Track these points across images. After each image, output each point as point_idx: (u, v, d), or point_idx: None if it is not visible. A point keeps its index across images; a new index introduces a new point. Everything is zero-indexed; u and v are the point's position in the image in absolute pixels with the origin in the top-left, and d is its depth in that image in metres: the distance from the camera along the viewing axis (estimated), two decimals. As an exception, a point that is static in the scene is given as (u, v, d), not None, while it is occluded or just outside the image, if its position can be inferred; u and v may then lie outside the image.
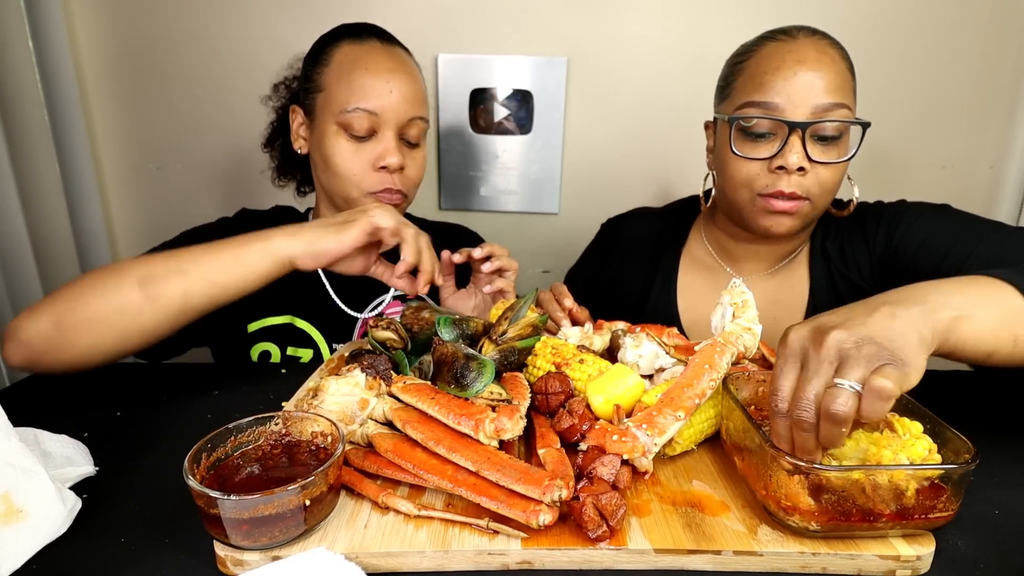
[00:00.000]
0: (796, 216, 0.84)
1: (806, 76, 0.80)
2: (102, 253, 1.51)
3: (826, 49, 0.82)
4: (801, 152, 0.80)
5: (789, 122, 0.80)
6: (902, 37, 1.37)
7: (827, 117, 0.80)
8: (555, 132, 1.45)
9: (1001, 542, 0.50)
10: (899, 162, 1.46)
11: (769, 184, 0.83)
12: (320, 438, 0.53)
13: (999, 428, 0.68)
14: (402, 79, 0.93)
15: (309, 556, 0.44)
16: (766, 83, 0.82)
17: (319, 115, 0.94)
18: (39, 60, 1.34)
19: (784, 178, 0.82)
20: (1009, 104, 1.41)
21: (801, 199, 0.83)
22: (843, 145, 0.83)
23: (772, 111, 0.81)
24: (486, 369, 0.59)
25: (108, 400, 0.73)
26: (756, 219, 0.87)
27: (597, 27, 1.40)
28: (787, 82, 0.80)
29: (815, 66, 0.80)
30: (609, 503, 0.47)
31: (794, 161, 0.80)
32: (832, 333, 0.49)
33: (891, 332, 0.49)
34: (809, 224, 0.91)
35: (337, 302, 1.01)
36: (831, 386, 0.47)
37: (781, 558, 0.47)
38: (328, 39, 0.97)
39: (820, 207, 0.85)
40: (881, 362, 0.46)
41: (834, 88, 0.80)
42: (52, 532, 0.49)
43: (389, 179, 0.94)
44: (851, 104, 0.82)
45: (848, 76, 0.84)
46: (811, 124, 0.79)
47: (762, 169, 0.83)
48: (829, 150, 0.82)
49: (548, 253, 1.57)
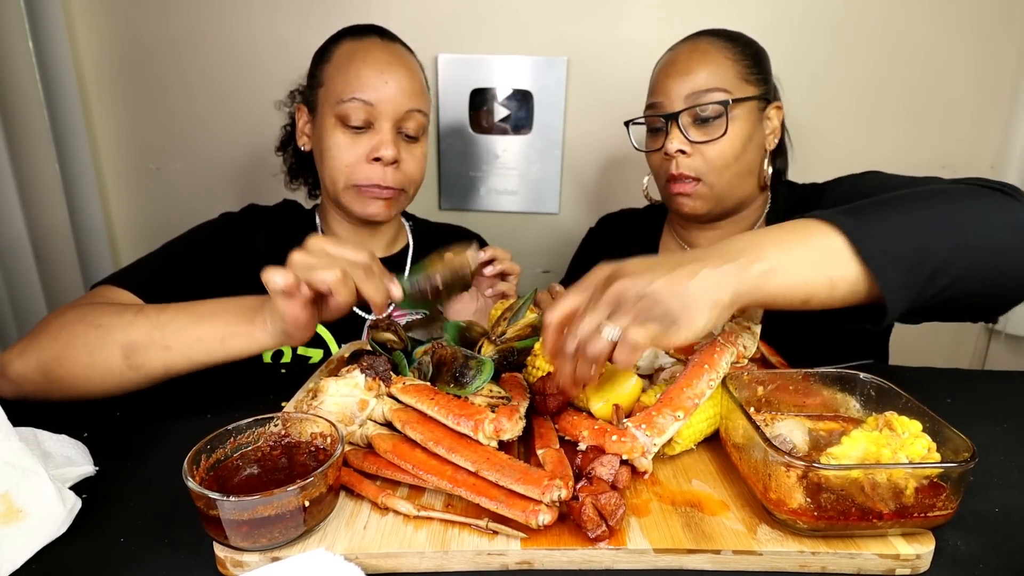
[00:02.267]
0: (694, 196, 0.94)
1: (676, 75, 0.92)
2: (102, 253, 1.52)
3: (699, 47, 0.93)
4: (680, 137, 0.90)
5: (663, 114, 0.92)
6: (902, 37, 1.37)
7: (698, 103, 0.90)
8: (555, 132, 1.45)
9: (1001, 541, 0.50)
10: (899, 162, 1.46)
11: (667, 169, 0.94)
12: (319, 439, 0.53)
13: (999, 427, 0.68)
14: (399, 71, 0.93)
15: (309, 557, 0.44)
16: (654, 88, 0.96)
17: (320, 109, 0.95)
18: (39, 60, 1.34)
19: (672, 162, 0.92)
20: (1009, 104, 1.41)
21: (694, 180, 0.92)
22: (721, 126, 0.90)
23: (657, 109, 0.94)
24: (484, 367, 0.59)
25: (108, 400, 0.73)
26: (671, 203, 0.98)
27: (597, 27, 1.40)
28: (663, 84, 0.93)
29: (683, 66, 0.92)
30: (608, 503, 0.47)
31: (672, 146, 0.91)
32: (620, 281, 0.53)
33: (681, 290, 0.51)
34: (720, 204, 0.95)
35: None
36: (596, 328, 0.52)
37: (780, 557, 0.47)
38: (332, 39, 0.99)
39: (717, 183, 0.92)
40: (648, 318, 0.51)
41: (703, 77, 0.90)
42: (52, 532, 0.49)
43: (380, 174, 0.93)
44: (729, 86, 0.90)
45: (727, 63, 0.91)
46: (681, 111, 0.90)
47: (662, 160, 0.95)
48: (710, 130, 0.90)
49: (548, 253, 1.57)
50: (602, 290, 0.53)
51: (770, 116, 0.95)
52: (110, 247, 1.54)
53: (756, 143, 0.94)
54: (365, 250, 0.65)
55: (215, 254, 0.94)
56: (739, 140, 0.91)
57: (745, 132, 0.92)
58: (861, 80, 1.40)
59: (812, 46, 1.38)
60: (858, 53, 1.38)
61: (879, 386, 0.58)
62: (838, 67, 1.40)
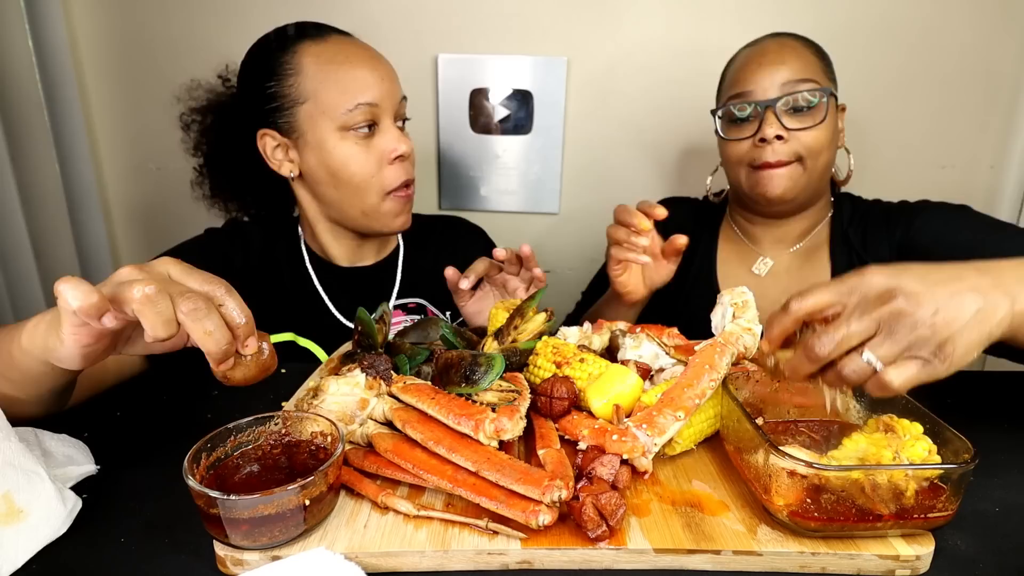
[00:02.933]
0: (788, 177, 0.93)
1: (769, 65, 0.93)
2: (102, 253, 1.52)
3: (786, 43, 0.95)
4: (776, 123, 0.91)
5: (759, 102, 0.93)
6: (902, 38, 1.37)
7: (795, 91, 0.91)
8: (555, 132, 1.45)
9: (1001, 542, 0.50)
10: (899, 162, 1.46)
11: (756, 157, 0.94)
12: (320, 438, 0.53)
13: (999, 428, 0.68)
14: (383, 63, 0.92)
15: (309, 556, 0.44)
16: (739, 79, 0.96)
17: (308, 128, 0.88)
18: (39, 60, 1.34)
19: (767, 149, 0.92)
20: (1009, 104, 1.41)
21: (788, 160, 0.92)
22: (819, 114, 0.92)
23: (746, 98, 0.94)
24: (495, 363, 0.59)
25: (108, 400, 0.73)
26: (754, 189, 0.96)
27: (597, 27, 1.40)
28: (754, 74, 0.94)
29: (775, 56, 0.94)
30: (609, 503, 0.47)
31: (770, 132, 0.91)
32: (899, 300, 0.48)
33: (960, 323, 0.47)
34: (806, 191, 0.96)
35: (339, 317, 1.00)
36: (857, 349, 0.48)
37: (781, 558, 0.47)
38: (276, 48, 0.90)
39: (812, 170, 0.93)
40: (916, 354, 0.47)
41: (796, 68, 0.92)
42: (52, 532, 0.49)
43: (403, 170, 0.92)
44: (819, 79, 0.93)
45: (813, 59, 0.94)
46: (779, 99, 0.91)
47: (749, 146, 0.95)
48: (805, 119, 0.92)
49: (548, 253, 1.57)
50: (875, 303, 0.49)
51: (840, 117, 0.99)
52: (110, 247, 1.54)
53: (836, 141, 0.97)
54: (220, 282, 0.51)
55: None
56: (831, 131, 0.93)
57: (834, 125, 0.94)
58: (862, 81, 1.40)
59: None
60: (859, 54, 1.38)
61: (879, 386, 0.58)
62: (838, 68, 1.39)
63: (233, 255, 0.98)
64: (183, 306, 0.47)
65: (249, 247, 1.00)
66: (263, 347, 0.54)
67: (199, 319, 0.47)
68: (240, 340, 0.51)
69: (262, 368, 0.54)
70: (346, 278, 1.03)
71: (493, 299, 0.94)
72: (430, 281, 1.06)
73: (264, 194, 1.04)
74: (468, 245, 1.14)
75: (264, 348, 0.54)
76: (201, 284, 0.50)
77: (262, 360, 0.54)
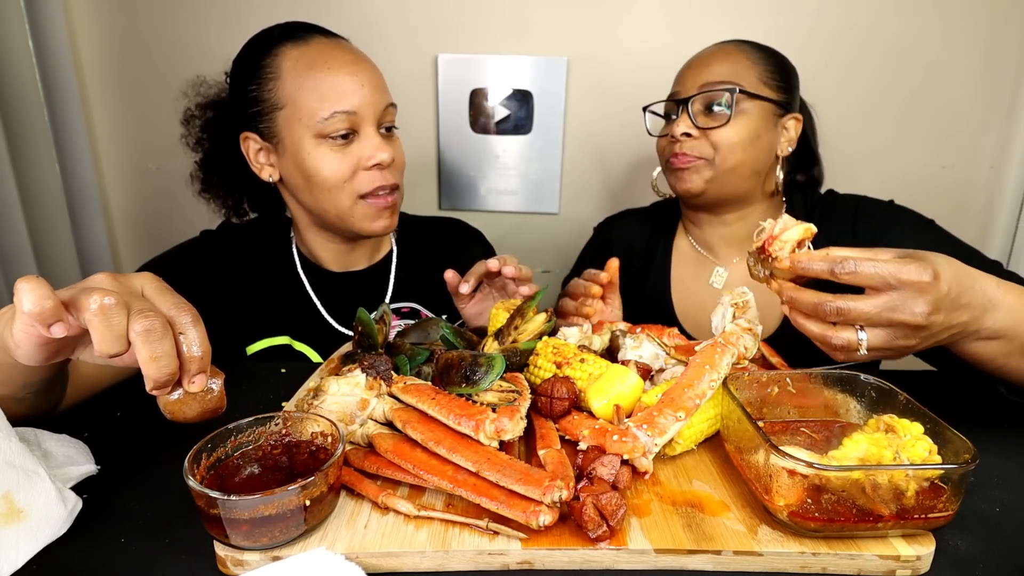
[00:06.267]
0: (693, 171, 0.96)
1: (695, 67, 0.97)
2: (102, 253, 1.52)
3: (725, 47, 0.98)
4: (687, 121, 0.94)
5: (675, 100, 0.97)
6: (902, 38, 1.37)
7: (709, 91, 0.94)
8: (555, 132, 1.46)
9: (1001, 542, 0.50)
10: (899, 162, 1.46)
11: (670, 152, 0.98)
12: (320, 438, 0.53)
13: (999, 428, 0.68)
14: (366, 68, 0.88)
15: (309, 556, 0.44)
16: (675, 80, 1.01)
17: (287, 134, 0.87)
18: (39, 60, 1.34)
19: (677, 144, 0.96)
20: (1009, 104, 1.41)
21: (696, 158, 0.95)
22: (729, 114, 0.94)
23: (673, 97, 0.99)
24: (495, 363, 0.59)
25: (108, 400, 0.73)
26: (672, 185, 1.00)
27: (597, 27, 1.40)
28: (683, 75, 0.99)
29: (704, 60, 0.97)
30: (609, 503, 0.47)
31: (678, 129, 0.95)
32: (940, 315, 0.55)
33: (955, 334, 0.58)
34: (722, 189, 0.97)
35: (331, 322, 1.00)
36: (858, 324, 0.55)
37: (781, 558, 0.47)
38: (260, 51, 0.89)
39: (721, 167, 0.94)
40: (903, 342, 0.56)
41: (720, 72, 0.94)
42: (53, 532, 0.49)
43: (380, 176, 0.89)
44: (745, 83, 0.93)
45: (747, 64, 0.95)
46: (690, 98, 0.94)
47: (668, 143, 0.99)
48: (718, 118, 0.94)
49: (548, 253, 1.57)
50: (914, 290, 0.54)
51: (787, 126, 0.97)
52: (110, 247, 1.54)
53: (766, 145, 0.95)
54: (190, 310, 0.48)
55: (186, 278, 0.83)
56: (745, 133, 0.93)
57: (753, 129, 0.93)
58: (862, 81, 1.40)
59: (816, 50, 1.38)
60: (859, 55, 1.38)
61: (880, 387, 0.58)
62: (839, 68, 1.40)
63: (228, 257, 0.98)
64: (137, 325, 0.44)
65: (243, 250, 0.99)
66: (212, 387, 0.49)
67: (150, 341, 0.44)
68: (188, 374, 0.47)
69: (205, 409, 0.50)
70: (338, 283, 1.02)
71: (493, 300, 0.94)
72: (425, 285, 1.06)
73: (256, 196, 1.03)
74: (465, 247, 1.13)
75: (213, 388, 0.49)
76: (169, 307, 0.47)
77: (206, 400, 0.49)
